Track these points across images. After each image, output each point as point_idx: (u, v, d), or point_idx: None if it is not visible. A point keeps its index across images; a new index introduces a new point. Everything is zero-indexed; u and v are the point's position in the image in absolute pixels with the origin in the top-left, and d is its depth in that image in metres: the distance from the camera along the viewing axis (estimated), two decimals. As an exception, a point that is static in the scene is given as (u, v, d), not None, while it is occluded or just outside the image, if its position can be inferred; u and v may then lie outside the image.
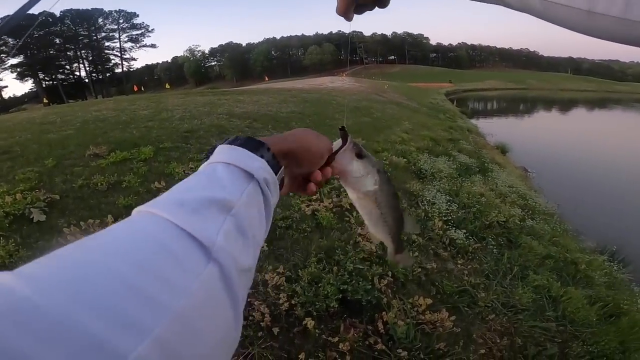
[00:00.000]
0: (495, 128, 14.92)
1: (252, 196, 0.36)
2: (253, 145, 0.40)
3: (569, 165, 9.63)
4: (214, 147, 0.41)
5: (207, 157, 0.40)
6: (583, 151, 11.60)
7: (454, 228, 3.51)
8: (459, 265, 2.99)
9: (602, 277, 3.44)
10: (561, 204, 6.02)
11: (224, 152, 0.38)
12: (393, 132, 7.38)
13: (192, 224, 0.28)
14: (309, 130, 0.52)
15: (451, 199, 4.22)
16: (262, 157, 0.39)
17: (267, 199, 0.38)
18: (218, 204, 0.31)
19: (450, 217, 3.70)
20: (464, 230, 3.49)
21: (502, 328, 2.36)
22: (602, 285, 3.26)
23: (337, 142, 0.56)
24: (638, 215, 6.28)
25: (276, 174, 0.41)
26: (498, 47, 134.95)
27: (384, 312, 2.16)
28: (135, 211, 0.31)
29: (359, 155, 0.54)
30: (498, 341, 2.25)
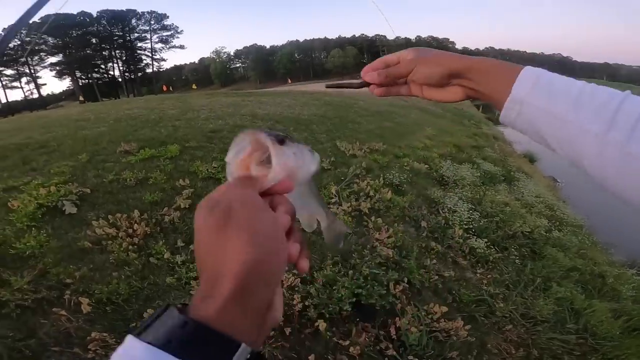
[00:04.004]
0: (522, 136, 14.34)
1: None
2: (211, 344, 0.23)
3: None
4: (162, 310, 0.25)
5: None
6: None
7: (474, 237, 3.46)
8: (478, 275, 2.94)
9: (629, 290, 3.33)
10: (591, 215, 5.75)
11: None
12: (416, 138, 7.28)
13: None
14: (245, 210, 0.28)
15: (473, 207, 4.14)
16: None
17: None
18: None
19: (471, 226, 3.64)
20: (486, 240, 3.43)
21: (519, 339, 2.32)
22: (629, 299, 3.16)
23: (240, 148, 0.35)
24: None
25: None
26: (528, 51, 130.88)
27: (397, 318, 2.15)
28: None
29: (282, 141, 0.35)
30: (513, 352, 2.21)
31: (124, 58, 66.23)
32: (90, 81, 62.72)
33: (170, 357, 0.21)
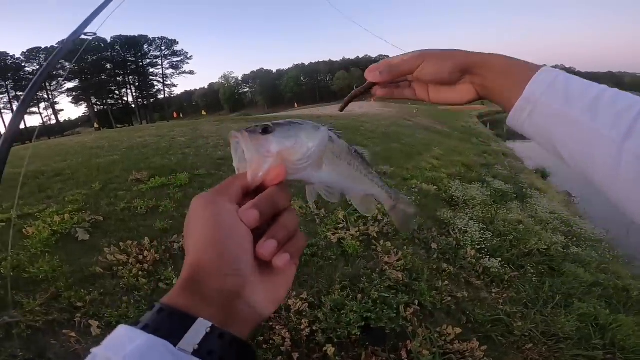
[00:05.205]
0: (533, 151, 14.22)
1: None
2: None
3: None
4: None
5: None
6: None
7: (488, 256, 3.40)
8: (493, 294, 2.88)
9: (656, 303, 3.17)
10: (611, 229, 5.56)
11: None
12: (423, 159, 7.27)
13: None
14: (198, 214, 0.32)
15: (485, 227, 4.09)
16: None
17: None
18: None
19: (484, 246, 3.58)
20: (500, 259, 3.37)
21: (541, 357, 2.24)
22: (656, 312, 3.00)
23: (240, 152, 0.36)
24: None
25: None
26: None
27: (408, 341, 2.10)
28: None
29: (265, 130, 0.35)
30: (535, 372, 2.11)
31: (137, 84, 65.93)
32: (105, 107, 62.61)
33: (141, 332, 0.25)
